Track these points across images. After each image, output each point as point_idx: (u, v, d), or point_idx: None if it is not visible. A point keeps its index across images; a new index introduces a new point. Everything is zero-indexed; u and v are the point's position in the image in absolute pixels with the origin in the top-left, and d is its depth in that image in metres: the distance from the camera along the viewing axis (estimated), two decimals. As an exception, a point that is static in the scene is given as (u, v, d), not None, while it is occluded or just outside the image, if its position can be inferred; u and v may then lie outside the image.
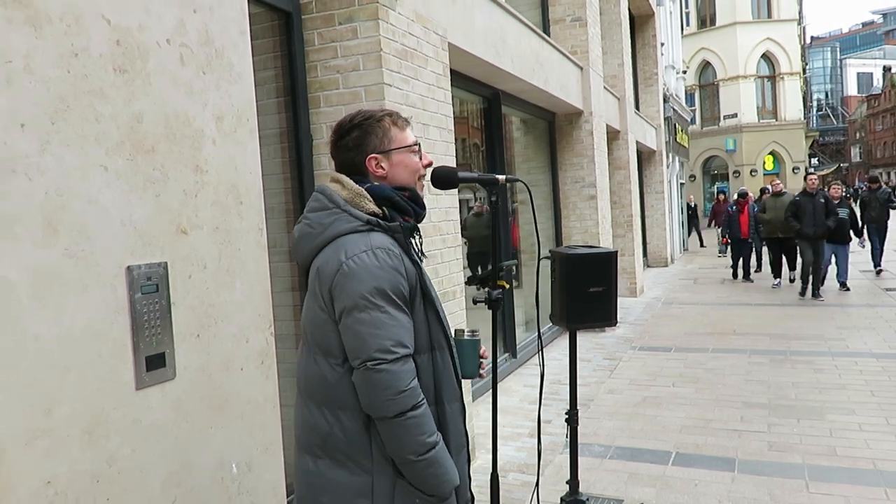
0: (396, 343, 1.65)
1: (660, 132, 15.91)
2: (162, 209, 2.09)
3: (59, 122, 1.79)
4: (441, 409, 1.78)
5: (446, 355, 1.80)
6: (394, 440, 1.68)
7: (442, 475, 1.69)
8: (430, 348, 1.77)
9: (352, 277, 1.67)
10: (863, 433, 4.65)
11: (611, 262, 2.99)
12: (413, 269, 1.74)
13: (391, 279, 1.67)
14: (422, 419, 1.66)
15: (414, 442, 1.66)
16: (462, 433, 1.84)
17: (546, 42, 7.18)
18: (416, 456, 1.67)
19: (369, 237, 1.72)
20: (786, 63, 34.13)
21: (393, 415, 1.64)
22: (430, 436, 1.68)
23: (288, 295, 3.59)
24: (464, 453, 1.86)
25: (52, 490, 1.76)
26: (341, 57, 3.55)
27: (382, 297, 1.66)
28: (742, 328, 8.56)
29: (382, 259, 1.68)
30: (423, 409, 1.67)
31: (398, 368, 1.64)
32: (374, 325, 1.64)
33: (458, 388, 1.83)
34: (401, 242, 1.75)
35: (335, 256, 1.71)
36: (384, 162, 1.84)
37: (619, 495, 3.88)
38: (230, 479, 2.33)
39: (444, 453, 1.71)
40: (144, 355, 2.02)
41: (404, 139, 1.86)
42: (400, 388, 1.63)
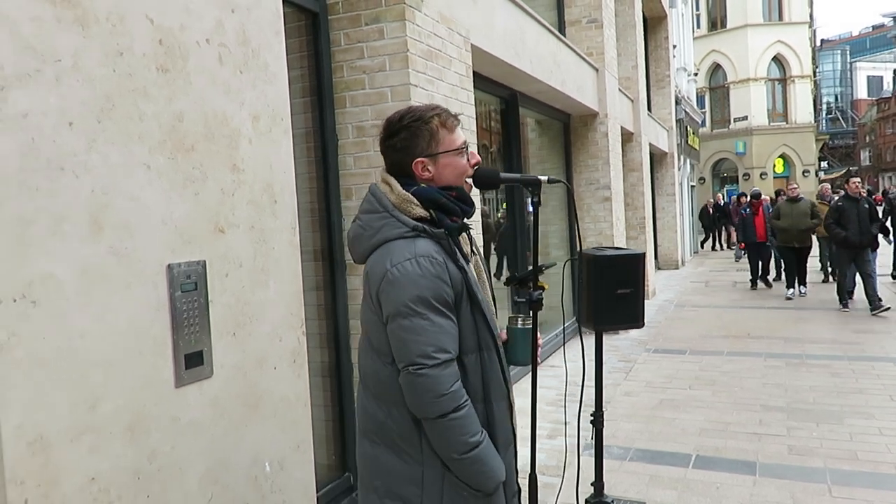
0: (438, 349, 1.69)
1: (672, 134, 15.88)
2: (201, 208, 2.11)
3: (105, 120, 1.80)
4: (489, 407, 1.82)
5: (493, 355, 1.83)
6: (438, 439, 1.73)
7: (486, 472, 1.74)
8: (478, 348, 1.80)
9: (395, 285, 1.72)
10: (883, 437, 4.62)
11: (639, 264, 2.99)
12: (458, 273, 1.77)
13: (433, 287, 1.71)
14: (464, 420, 1.71)
15: (457, 442, 1.71)
16: (509, 430, 1.88)
17: (563, 43, 7.18)
18: (458, 454, 1.72)
19: (415, 244, 1.75)
20: (796, 66, 33.97)
21: (435, 416, 1.70)
22: (473, 435, 1.72)
23: (313, 294, 3.60)
24: (511, 449, 1.90)
25: (95, 486, 1.77)
26: (367, 57, 3.56)
27: (424, 304, 1.70)
28: (756, 331, 8.53)
29: (425, 268, 1.71)
30: (466, 410, 1.71)
31: (439, 373, 1.69)
32: (416, 331, 1.69)
33: (506, 387, 1.86)
34: (446, 248, 1.77)
35: (381, 262, 1.76)
36: (431, 165, 1.85)
37: (640, 497, 3.87)
38: (263, 477, 2.34)
39: (488, 451, 1.75)
40: (184, 353, 2.03)
41: (452, 142, 1.86)
42: (441, 392, 1.68)
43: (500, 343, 1.86)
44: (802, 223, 10.61)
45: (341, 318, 3.71)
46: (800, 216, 10.61)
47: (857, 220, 9.30)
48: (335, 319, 3.71)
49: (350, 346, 3.74)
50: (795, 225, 10.61)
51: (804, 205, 10.77)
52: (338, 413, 3.75)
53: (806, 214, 10.64)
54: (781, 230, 10.83)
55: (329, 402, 3.72)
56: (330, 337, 3.71)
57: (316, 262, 3.63)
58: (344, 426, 3.75)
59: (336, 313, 3.70)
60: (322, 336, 3.67)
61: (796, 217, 10.63)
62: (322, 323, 3.67)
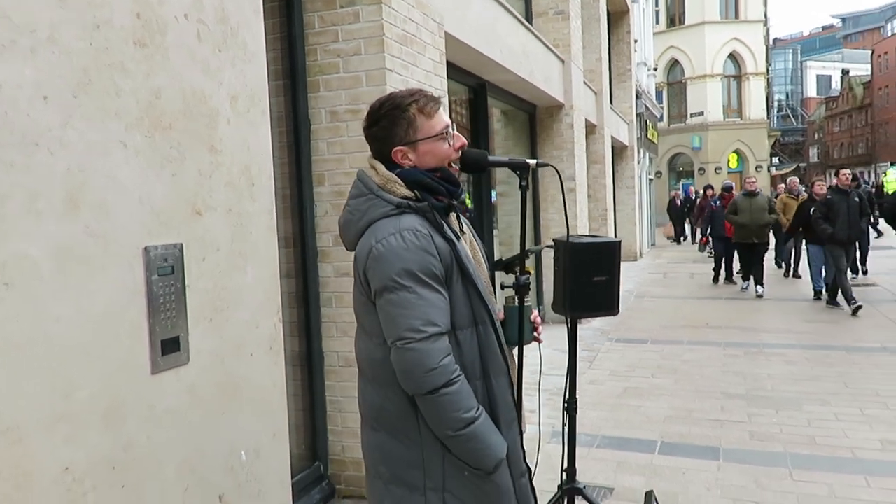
0: (425, 322, 1.67)
1: (632, 128, 16.09)
2: (178, 188, 2.04)
3: (81, 95, 1.73)
4: (488, 383, 1.79)
5: (489, 329, 1.80)
6: (431, 416, 1.71)
7: (483, 450, 1.71)
8: (473, 323, 1.78)
9: (380, 260, 1.70)
10: (839, 423, 4.77)
11: (615, 252, 3.00)
12: (446, 246, 1.74)
13: (419, 260, 1.69)
14: (456, 396, 1.68)
15: (449, 418, 1.68)
16: (511, 407, 1.85)
17: (532, 34, 7.19)
18: (453, 431, 1.69)
19: (399, 220, 1.73)
20: (751, 63, 34.73)
21: (426, 391, 1.67)
22: (468, 412, 1.69)
23: (284, 281, 3.53)
24: (515, 426, 1.86)
25: (70, 477, 1.71)
26: (342, 41, 3.50)
27: (410, 277, 1.68)
28: (714, 321, 8.72)
29: (409, 240, 1.69)
30: (457, 386, 1.68)
31: (427, 346, 1.66)
32: (403, 305, 1.67)
33: (504, 362, 1.83)
34: (432, 221, 1.75)
35: (367, 241, 1.75)
36: (411, 153, 1.83)
37: (609, 483, 3.92)
38: (240, 466, 2.29)
39: (486, 428, 1.72)
40: (160, 339, 1.97)
41: (431, 128, 1.83)
42: (430, 366, 1.66)
43: (497, 318, 1.83)
44: (761, 218, 10.31)
45: (312, 306, 3.66)
46: (758, 211, 10.29)
47: (847, 214, 8.78)
48: (307, 307, 3.65)
49: (321, 335, 3.69)
50: (754, 220, 10.27)
51: (762, 199, 10.45)
52: (309, 402, 3.70)
53: (764, 209, 10.35)
54: (739, 226, 10.44)
55: (300, 390, 3.67)
56: (301, 325, 3.65)
57: (287, 248, 3.57)
58: (315, 415, 3.71)
59: (308, 301, 3.65)
60: (293, 324, 3.61)
61: (755, 212, 10.29)
62: (293, 311, 3.61)
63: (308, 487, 3.58)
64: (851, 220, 8.78)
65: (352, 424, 3.60)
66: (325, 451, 3.75)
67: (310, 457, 3.70)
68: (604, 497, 3.73)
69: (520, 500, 1.84)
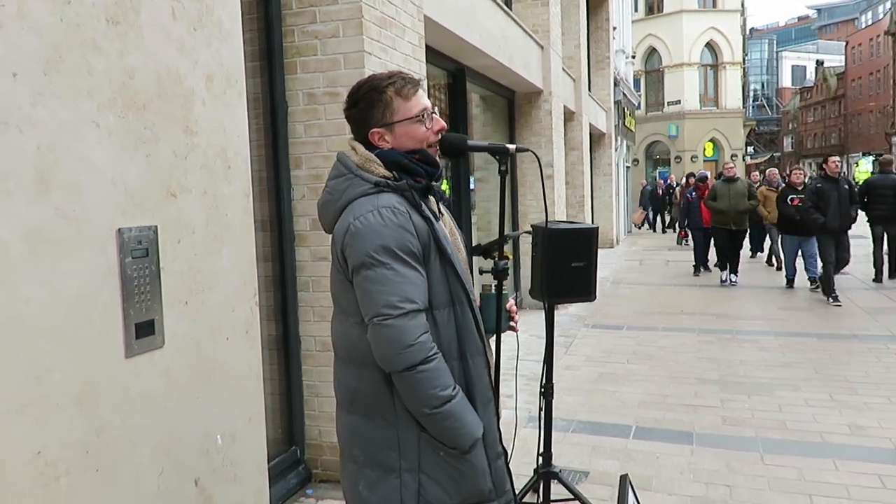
0: (403, 298, 1.66)
1: (610, 115, 16.15)
2: (153, 170, 2.01)
3: (52, 73, 1.69)
4: (465, 363, 1.80)
5: (467, 310, 1.80)
6: (408, 393, 1.70)
7: (459, 428, 1.71)
8: (451, 303, 1.78)
9: (358, 237, 1.70)
10: (810, 408, 4.86)
11: (593, 238, 3.01)
12: (424, 225, 1.75)
13: (396, 236, 1.69)
14: (433, 373, 1.68)
15: (426, 396, 1.68)
16: (488, 387, 1.85)
17: (511, 19, 7.16)
18: (429, 409, 1.69)
19: (377, 198, 1.73)
20: (728, 53, 34.97)
21: (402, 368, 1.67)
22: (444, 389, 1.69)
23: (261, 265, 3.50)
24: (491, 407, 1.87)
25: (42, 461, 1.68)
26: (320, 22, 3.46)
27: (388, 254, 1.68)
28: (689, 308, 8.82)
29: (387, 217, 1.69)
30: (435, 363, 1.68)
31: (405, 323, 1.66)
32: (381, 281, 1.67)
33: (482, 343, 1.84)
34: (410, 200, 1.75)
35: (345, 219, 1.75)
36: (388, 135, 1.83)
37: (584, 467, 3.96)
38: (215, 450, 2.28)
39: (461, 407, 1.72)
40: (134, 322, 1.94)
41: (408, 110, 1.83)
42: (407, 343, 1.65)
43: (475, 298, 1.83)
44: (740, 204, 10.21)
45: (289, 290, 3.63)
46: (737, 197, 10.20)
47: (838, 202, 8.59)
48: (283, 291, 3.63)
49: (298, 319, 3.68)
50: (733, 206, 10.18)
51: (741, 185, 10.35)
52: (285, 386, 3.69)
53: (743, 195, 10.27)
54: (718, 212, 10.34)
55: (276, 375, 3.65)
56: (278, 309, 3.63)
57: (264, 232, 3.54)
58: (291, 399, 3.69)
59: (284, 285, 3.62)
60: (269, 308, 3.59)
61: (734, 198, 10.20)
62: (270, 295, 3.59)
63: (284, 472, 3.57)
64: (842, 208, 8.61)
65: (328, 409, 3.59)
66: (302, 435, 3.74)
67: (286, 441, 3.69)
68: (579, 481, 3.77)
69: (495, 481, 1.84)
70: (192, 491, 2.17)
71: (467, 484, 1.78)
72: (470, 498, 1.79)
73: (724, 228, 10.34)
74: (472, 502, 1.80)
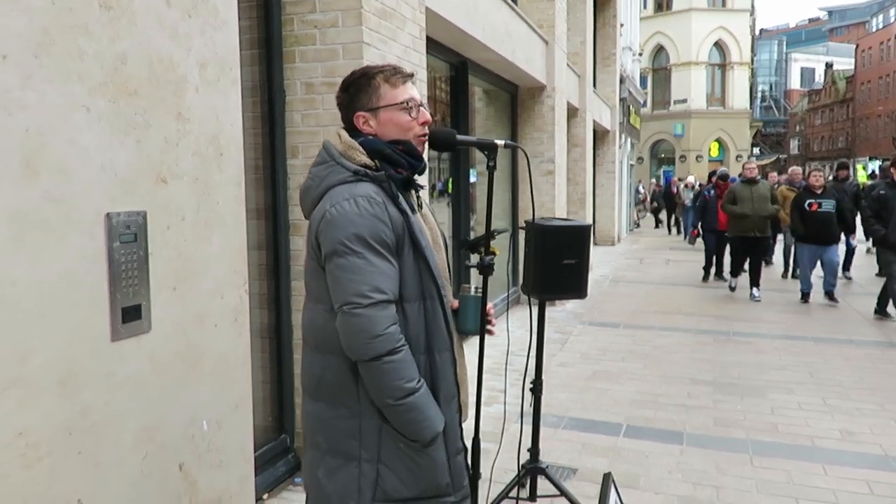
0: (373, 288, 1.67)
1: (615, 113, 16.10)
2: (143, 156, 2.01)
3: (43, 56, 1.69)
4: (431, 357, 1.81)
5: (437, 305, 1.81)
6: (373, 383, 1.71)
7: (421, 421, 1.73)
8: (421, 297, 1.79)
9: (332, 224, 1.71)
10: (802, 412, 4.86)
11: (585, 236, 3.02)
12: (399, 217, 1.75)
13: (371, 226, 1.69)
14: (399, 365, 1.69)
15: (391, 386, 1.69)
16: (452, 383, 1.86)
17: (515, 13, 7.14)
18: (393, 400, 1.70)
19: (355, 187, 1.74)
20: (736, 53, 34.86)
21: (369, 358, 1.68)
22: (409, 381, 1.70)
23: (255, 253, 3.51)
24: (454, 403, 1.88)
25: (23, 442, 1.69)
26: (320, 12, 3.46)
27: (361, 243, 1.68)
28: (687, 308, 8.81)
29: (363, 206, 1.70)
30: (401, 355, 1.70)
31: (373, 313, 1.67)
32: (352, 270, 1.68)
33: (449, 339, 1.85)
34: (387, 191, 1.76)
35: (322, 206, 1.76)
36: (372, 120, 1.85)
37: (573, 464, 3.97)
38: (201, 436, 2.29)
39: (425, 400, 1.74)
40: (121, 306, 1.95)
41: (394, 97, 1.85)
42: (375, 333, 1.66)
43: (445, 294, 1.84)
44: (763, 209, 8.97)
45: (283, 279, 3.64)
46: (760, 201, 8.95)
47: None
48: (277, 280, 3.64)
49: (291, 308, 3.68)
50: (757, 211, 8.92)
51: (763, 187, 9.15)
52: (276, 374, 3.70)
53: (766, 199, 9.03)
54: (739, 217, 9.04)
55: (268, 363, 3.66)
56: (271, 297, 3.64)
57: (259, 220, 3.54)
58: (282, 387, 3.71)
59: (278, 273, 3.63)
60: (263, 296, 3.60)
61: (757, 202, 8.94)
62: (263, 283, 3.60)
63: (273, 459, 3.59)
64: None
65: (319, 398, 3.60)
66: (292, 423, 3.75)
67: (276, 429, 3.70)
68: (567, 477, 3.79)
69: (453, 476, 1.86)
70: (176, 475, 2.18)
71: (425, 477, 1.80)
72: (427, 491, 1.81)
73: (744, 236, 9.08)
74: (428, 495, 1.82)
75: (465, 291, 1.94)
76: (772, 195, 9.17)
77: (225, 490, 2.41)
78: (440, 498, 1.84)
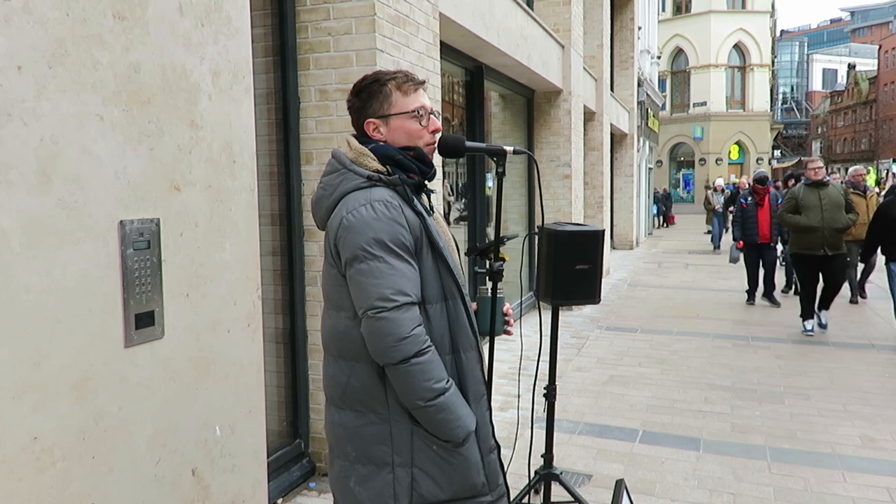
0: (396, 291, 1.68)
1: (632, 116, 16.02)
2: (156, 164, 2.04)
3: (57, 66, 1.72)
4: (458, 357, 1.81)
5: (459, 304, 1.81)
6: (402, 386, 1.71)
7: (453, 421, 1.72)
8: (443, 298, 1.79)
9: (351, 230, 1.71)
10: (821, 418, 4.80)
11: (598, 240, 3.00)
12: (416, 219, 1.76)
13: (389, 230, 1.70)
14: (427, 366, 1.69)
15: (420, 388, 1.69)
16: (480, 381, 1.86)
17: (531, 17, 7.14)
18: (423, 402, 1.70)
19: (370, 192, 1.75)
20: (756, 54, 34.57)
21: (397, 361, 1.68)
22: (438, 382, 1.70)
23: (269, 259, 3.54)
24: (483, 401, 1.88)
25: (38, 446, 1.72)
26: (333, 19, 3.48)
27: (381, 247, 1.69)
28: (705, 312, 8.74)
29: (380, 211, 1.71)
30: (429, 356, 1.70)
31: (398, 316, 1.67)
32: (374, 274, 1.68)
33: (474, 337, 1.85)
34: (402, 195, 1.77)
35: (339, 214, 1.76)
36: (382, 127, 1.86)
37: (588, 470, 3.95)
38: (213, 441, 2.31)
39: (455, 399, 1.73)
40: (134, 312, 1.97)
41: (405, 105, 1.86)
42: (401, 335, 1.66)
43: (467, 292, 1.84)
44: (837, 219, 6.99)
45: (297, 284, 3.66)
46: (832, 209, 7.00)
47: None
48: (291, 285, 3.66)
49: (305, 313, 3.70)
50: (828, 223, 6.96)
51: (835, 192, 7.13)
52: (290, 379, 3.72)
53: (840, 206, 7.07)
54: (803, 230, 7.11)
55: (282, 368, 3.69)
56: (285, 303, 3.66)
57: (273, 226, 3.57)
58: (296, 392, 3.72)
59: (292, 279, 3.65)
60: (277, 301, 3.62)
61: (828, 210, 6.99)
62: (278, 288, 3.62)
63: (288, 464, 3.61)
64: None
65: (333, 403, 3.61)
66: (307, 428, 3.77)
67: (290, 434, 3.72)
68: (581, 483, 3.77)
69: (488, 475, 1.85)
70: (189, 480, 2.20)
71: (460, 477, 1.79)
72: (462, 491, 1.80)
73: (812, 255, 7.12)
74: (464, 496, 1.81)
75: (483, 293, 1.94)
76: (846, 202, 7.17)
77: (238, 495, 2.42)
78: (476, 498, 1.83)
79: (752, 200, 8.99)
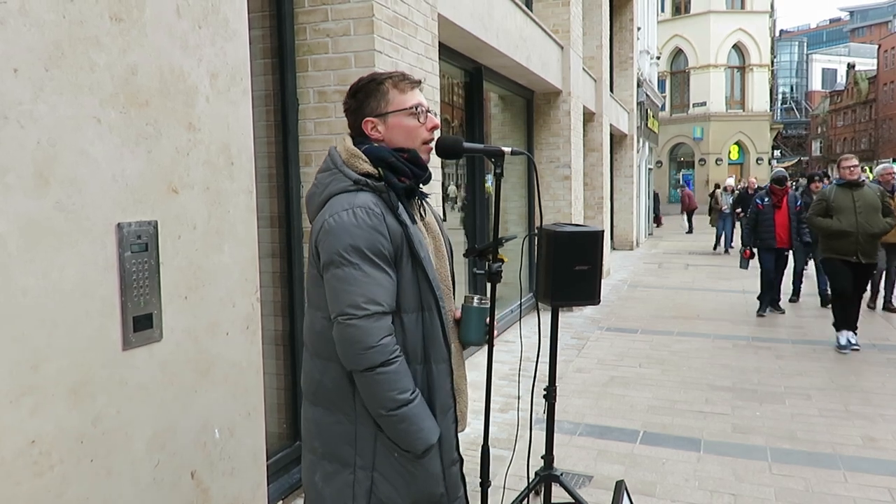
0: (368, 300, 1.68)
1: (632, 116, 16.02)
2: (153, 166, 2.03)
3: (53, 69, 1.71)
4: (428, 368, 1.81)
5: (435, 316, 1.81)
6: (366, 393, 1.73)
7: (415, 432, 1.73)
8: (420, 308, 1.79)
9: (331, 234, 1.72)
10: (822, 418, 4.79)
11: (598, 241, 3.00)
12: (398, 228, 1.76)
13: (368, 237, 1.70)
14: (393, 376, 1.70)
15: (384, 397, 1.70)
16: (449, 394, 1.87)
17: (530, 19, 7.14)
18: (386, 411, 1.71)
19: (355, 196, 1.75)
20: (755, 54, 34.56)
21: (363, 369, 1.69)
22: (402, 392, 1.71)
23: (268, 261, 3.54)
24: (450, 414, 1.88)
25: (36, 449, 1.71)
26: (332, 20, 3.48)
27: (358, 254, 1.70)
28: (705, 313, 8.73)
29: (361, 218, 1.71)
30: (395, 366, 1.70)
31: (368, 325, 1.68)
32: (348, 281, 1.69)
33: (447, 350, 1.85)
34: (386, 202, 1.76)
35: (322, 215, 1.78)
36: (380, 125, 1.86)
37: (588, 471, 3.94)
38: (213, 443, 2.30)
39: (419, 412, 1.74)
40: (132, 315, 1.97)
41: (402, 102, 1.86)
42: (369, 344, 1.67)
43: (443, 305, 1.83)
44: (873, 223, 6.45)
45: (297, 286, 3.66)
46: (868, 211, 6.44)
47: None
48: (290, 287, 3.65)
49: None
50: (863, 227, 6.40)
51: (870, 193, 6.55)
52: (290, 381, 3.71)
53: (876, 209, 6.50)
54: (835, 235, 6.55)
55: (281, 370, 3.68)
56: (284, 305, 3.65)
57: (272, 228, 3.56)
58: (296, 394, 3.71)
59: (291, 281, 3.65)
60: (276, 304, 3.62)
61: (863, 213, 6.43)
62: (277, 290, 3.62)
63: (288, 466, 3.60)
64: None
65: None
66: (307, 430, 3.76)
67: (290, 436, 3.71)
68: (582, 484, 3.76)
69: (448, 487, 1.87)
70: (188, 483, 2.20)
71: (420, 487, 1.81)
72: (421, 501, 1.82)
73: (844, 260, 6.52)
74: None
75: (468, 302, 1.93)
76: (883, 204, 6.56)
77: (237, 497, 2.42)
78: None
79: (770, 202, 8.37)
